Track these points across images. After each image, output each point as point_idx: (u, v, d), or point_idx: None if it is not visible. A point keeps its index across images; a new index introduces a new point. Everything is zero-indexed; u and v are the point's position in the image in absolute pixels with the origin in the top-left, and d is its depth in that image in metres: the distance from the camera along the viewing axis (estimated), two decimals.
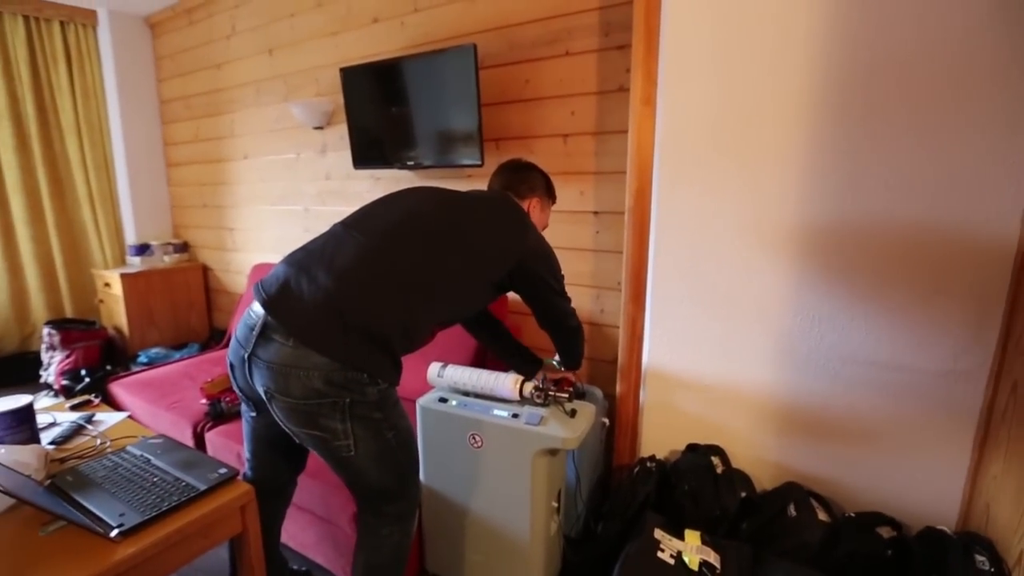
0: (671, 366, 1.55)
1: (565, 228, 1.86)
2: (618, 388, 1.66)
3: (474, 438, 1.30)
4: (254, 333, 0.99)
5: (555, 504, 1.34)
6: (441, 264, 1.07)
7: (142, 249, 3.23)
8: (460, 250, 1.10)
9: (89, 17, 3.06)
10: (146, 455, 1.20)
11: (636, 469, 1.45)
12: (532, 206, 1.34)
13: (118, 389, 2.12)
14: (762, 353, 1.40)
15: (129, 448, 1.24)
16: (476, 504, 1.35)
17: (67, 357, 2.75)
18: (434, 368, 1.41)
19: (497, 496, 1.31)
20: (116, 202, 3.36)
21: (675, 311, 1.52)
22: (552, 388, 1.29)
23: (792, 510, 1.25)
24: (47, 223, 3.12)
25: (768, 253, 1.36)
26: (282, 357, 0.96)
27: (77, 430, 1.36)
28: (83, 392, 2.19)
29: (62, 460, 1.22)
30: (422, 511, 1.45)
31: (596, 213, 1.80)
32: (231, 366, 1.09)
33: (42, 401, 1.46)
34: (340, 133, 2.38)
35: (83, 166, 3.18)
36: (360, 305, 0.99)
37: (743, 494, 1.32)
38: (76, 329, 2.87)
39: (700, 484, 1.34)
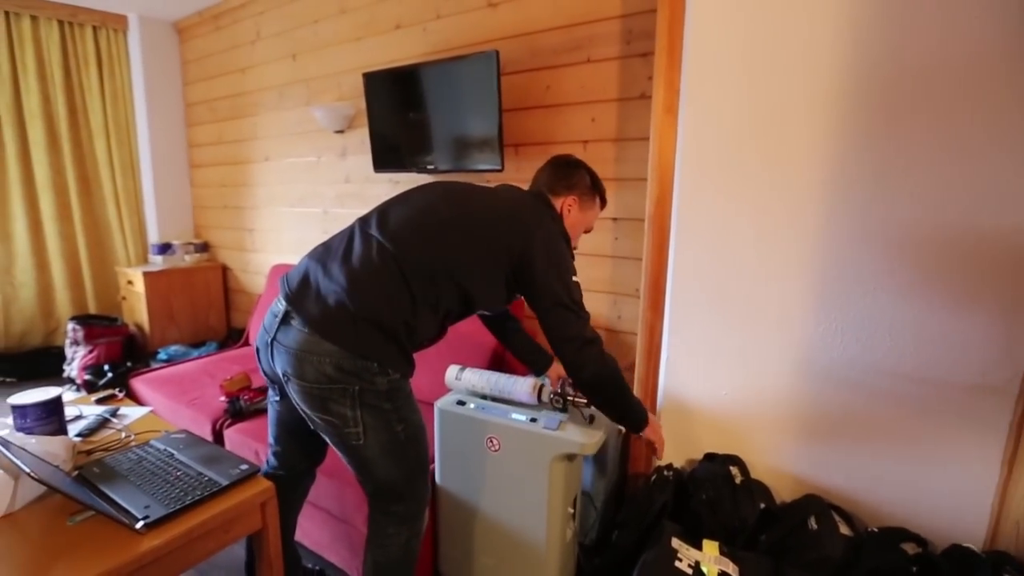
0: (689, 374, 1.54)
1: (584, 235, 1.85)
2: (636, 394, 1.64)
3: (491, 441, 1.31)
4: (277, 319, 1.07)
5: (571, 510, 1.33)
6: (444, 259, 1.07)
7: (164, 248, 3.30)
8: (464, 246, 1.09)
9: (120, 22, 3.15)
10: (170, 449, 1.22)
11: (653, 477, 1.44)
12: (568, 205, 1.27)
13: (140, 385, 2.16)
14: (783, 362, 1.39)
15: (153, 442, 1.26)
16: (491, 507, 1.35)
17: (90, 352, 2.81)
18: (452, 371, 1.42)
19: (513, 500, 1.31)
20: (141, 202, 3.44)
21: (694, 319, 1.51)
22: (571, 393, 1.29)
23: (813, 523, 1.23)
24: (74, 221, 3.20)
25: (790, 261, 1.34)
26: (298, 342, 1.03)
27: (103, 423, 1.39)
28: (105, 387, 2.23)
29: (88, 452, 1.24)
30: (437, 512, 1.45)
31: (615, 219, 1.80)
32: (257, 350, 1.16)
33: (67, 395, 1.50)
34: (361, 137, 2.42)
35: (110, 166, 3.27)
36: (367, 298, 1.03)
37: (762, 505, 1.31)
38: (99, 325, 2.93)
39: (718, 494, 1.33)
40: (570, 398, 1.28)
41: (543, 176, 1.31)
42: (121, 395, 1.60)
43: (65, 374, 2.87)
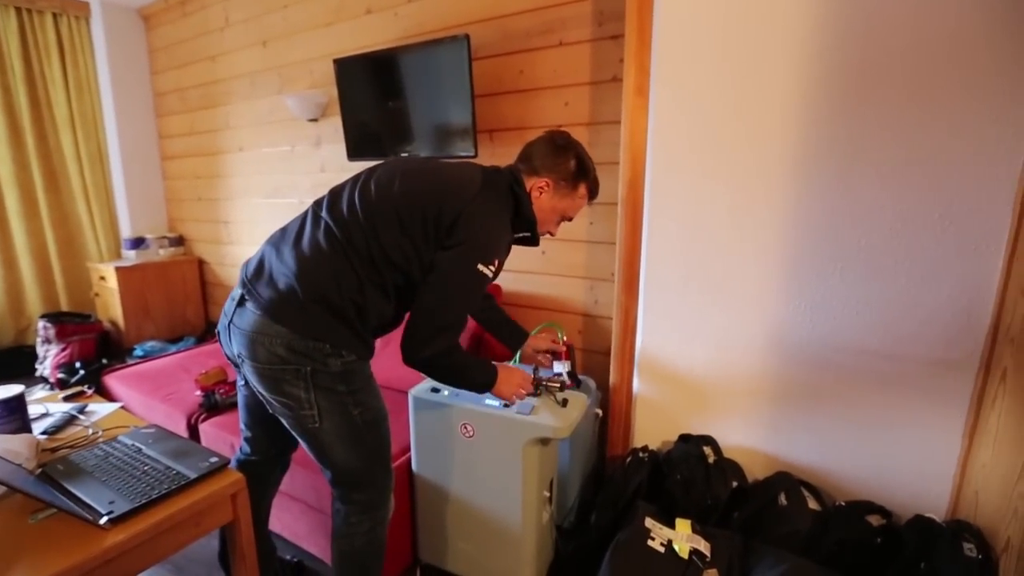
0: (664, 356, 1.55)
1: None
2: (611, 378, 1.66)
3: (466, 428, 1.31)
4: (234, 303, 1.08)
5: (547, 494, 1.34)
6: (381, 244, 1.03)
7: (137, 243, 3.22)
8: (402, 229, 1.04)
9: (82, 9, 3.04)
10: (138, 444, 1.20)
11: (628, 459, 1.46)
12: (539, 187, 1.16)
13: (112, 382, 2.12)
14: (755, 342, 1.40)
15: (121, 438, 1.24)
16: (468, 493, 1.36)
17: (62, 350, 2.75)
18: None
19: (489, 485, 1.32)
20: (111, 195, 3.35)
21: (668, 300, 1.52)
22: (544, 378, 1.29)
23: (783, 499, 1.25)
24: (42, 217, 3.11)
25: (762, 241, 1.35)
26: (252, 324, 1.03)
27: (69, 420, 1.36)
28: (76, 384, 2.19)
29: (54, 450, 1.21)
30: (414, 499, 1.45)
31: (590, 204, 1.79)
32: (218, 334, 1.16)
33: (36, 393, 1.47)
34: (335, 125, 2.37)
35: (77, 159, 3.17)
36: (314, 280, 1.02)
37: (735, 484, 1.33)
38: (71, 322, 2.87)
39: (692, 474, 1.35)
40: (543, 383, 1.28)
41: (530, 150, 1.21)
42: (90, 391, 1.57)
43: (38, 373, 2.81)
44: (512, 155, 1.29)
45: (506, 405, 1.26)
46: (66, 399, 1.51)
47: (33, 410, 1.34)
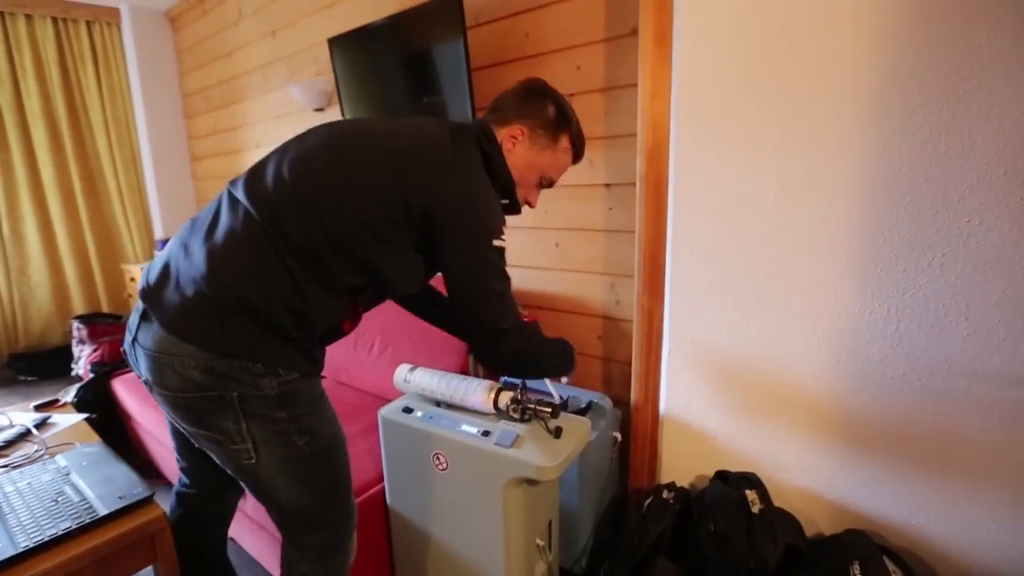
0: (696, 372, 1.24)
1: (572, 205, 1.58)
2: (632, 396, 1.37)
3: (438, 458, 1.07)
4: (138, 316, 0.86)
5: (540, 542, 1.08)
6: (326, 229, 0.81)
7: None
8: (352, 207, 0.83)
9: (113, 15, 3.09)
10: (70, 467, 1.07)
11: (649, 500, 1.16)
12: (512, 135, 0.95)
13: (118, 385, 2.07)
14: (814, 358, 1.07)
15: (58, 458, 1.11)
16: (445, 536, 1.13)
17: (94, 351, 2.79)
18: (401, 371, 1.19)
19: (468, 530, 1.08)
20: (144, 197, 3.42)
21: (700, 302, 1.21)
22: (533, 401, 1.03)
23: (856, 571, 0.92)
24: (82, 219, 3.21)
25: (823, 223, 1.02)
26: (157, 343, 0.81)
27: (23, 435, 1.26)
28: (92, 386, 2.17)
29: None
30: (390, 536, 1.24)
31: (608, 186, 1.50)
32: (123, 354, 0.95)
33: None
34: (339, 115, 2.22)
35: (112, 163, 3.25)
36: (230, 282, 0.79)
37: (787, 542, 1.01)
38: (103, 323, 2.91)
39: (729, 525, 1.04)
40: (531, 407, 1.02)
41: (500, 100, 1.01)
42: (63, 401, 1.48)
43: (73, 372, 2.88)
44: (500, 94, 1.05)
45: (484, 432, 1.01)
46: (38, 408, 1.43)
47: None
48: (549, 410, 1.01)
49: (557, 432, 1.01)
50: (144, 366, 0.83)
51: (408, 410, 1.14)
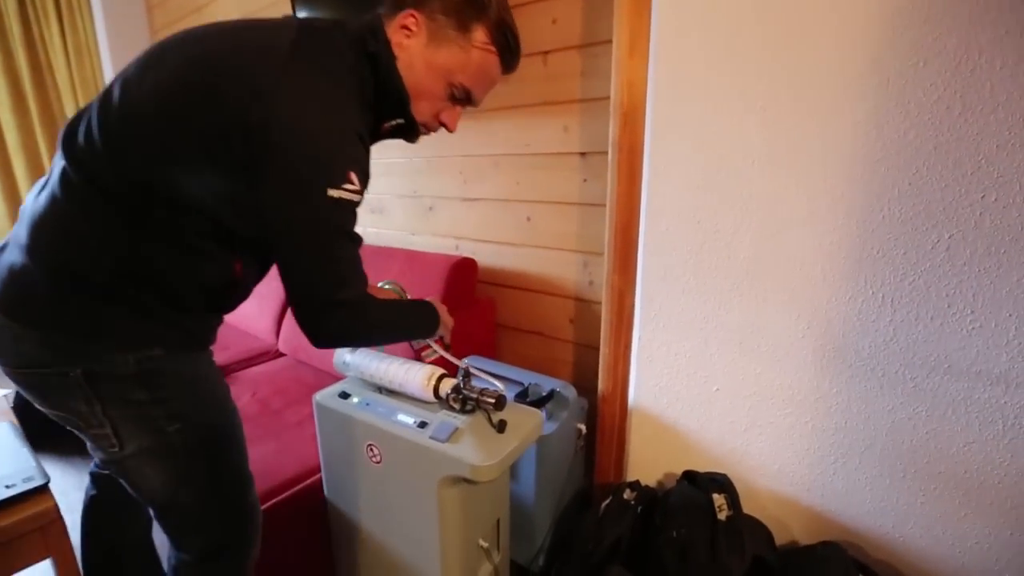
0: (668, 362, 1.13)
1: (545, 176, 1.44)
2: (600, 385, 1.25)
3: (371, 450, 0.96)
4: None
5: (484, 544, 0.98)
6: (142, 167, 0.65)
7: None
8: (160, 139, 0.64)
9: None
10: None
11: (607, 501, 1.06)
12: (403, 27, 0.72)
13: None
14: (798, 349, 0.95)
15: None
16: (380, 534, 1.03)
17: None
18: (341, 351, 1.08)
19: (403, 529, 0.98)
20: None
21: (675, 284, 1.08)
22: (476, 390, 0.92)
23: None
24: None
25: (812, 198, 0.89)
26: None
27: None
28: None
29: None
30: (330, 533, 1.14)
31: (583, 155, 1.36)
32: None
33: None
34: None
35: None
36: (52, 248, 0.66)
37: (754, 554, 0.90)
38: None
39: (692, 532, 0.94)
40: (474, 396, 0.91)
41: None
42: None
43: None
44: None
45: (421, 424, 0.90)
46: None
47: None
48: (493, 401, 0.90)
49: (500, 426, 0.89)
50: None
51: (345, 395, 1.03)
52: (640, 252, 1.13)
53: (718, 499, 0.97)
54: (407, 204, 1.83)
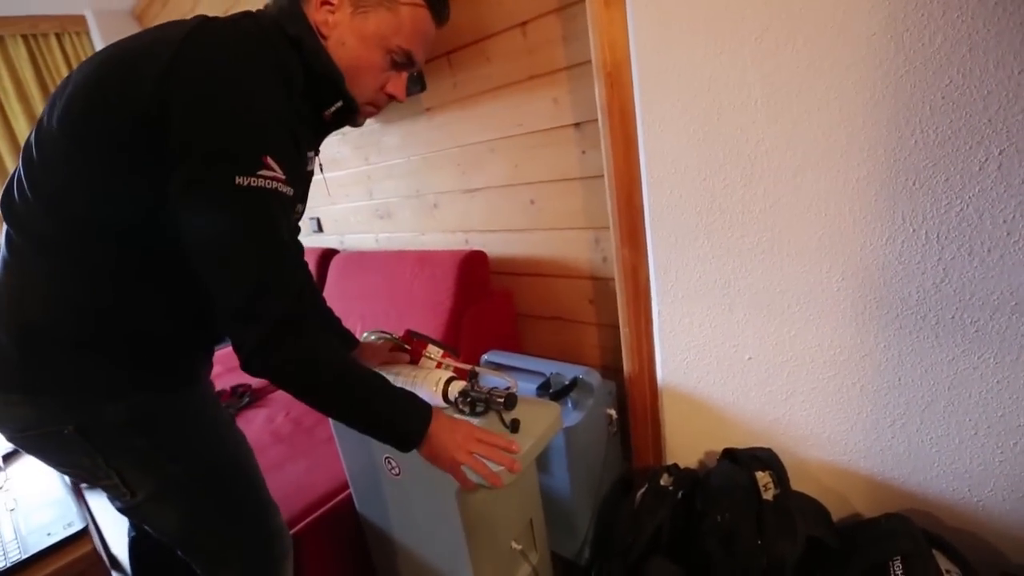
0: (692, 332, 1.04)
1: (543, 154, 1.36)
2: (625, 366, 1.18)
3: (389, 463, 0.94)
4: None
5: (518, 546, 0.95)
6: (86, 192, 0.61)
7: None
8: (79, 153, 0.60)
9: (79, 23, 3.01)
10: (17, 502, 1.02)
11: (642, 490, 1.00)
12: (323, 6, 0.67)
13: None
14: (834, 304, 0.85)
15: (12, 490, 1.06)
16: (411, 546, 1.01)
17: None
18: None
19: (433, 540, 0.95)
20: None
21: (688, 249, 1.00)
22: (485, 390, 0.87)
23: (897, 569, 0.73)
24: None
25: (830, 131, 0.78)
26: None
27: None
28: None
29: None
30: (369, 546, 1.14)
31: (578, 125, 1.27)
32: None
33: None
34: None
35: None
36: (17, 306, 0.65)
37: (808, 535, 0.82)
38: None
39: (737, 516, 0.86)
40: (483, 396, 0.86)
41: None
42: None
43: None
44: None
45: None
46: None
47: None
48: (502, 400, 0.85)
49: (514, 426, 0.85)
50: None
51: None
52: (647, 220, 1.04)
53: (762, 477, 0.89)
54: (413, 204, 1.80)
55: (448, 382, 0.90)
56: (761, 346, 0.96)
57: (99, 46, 3.07)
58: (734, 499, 0.88)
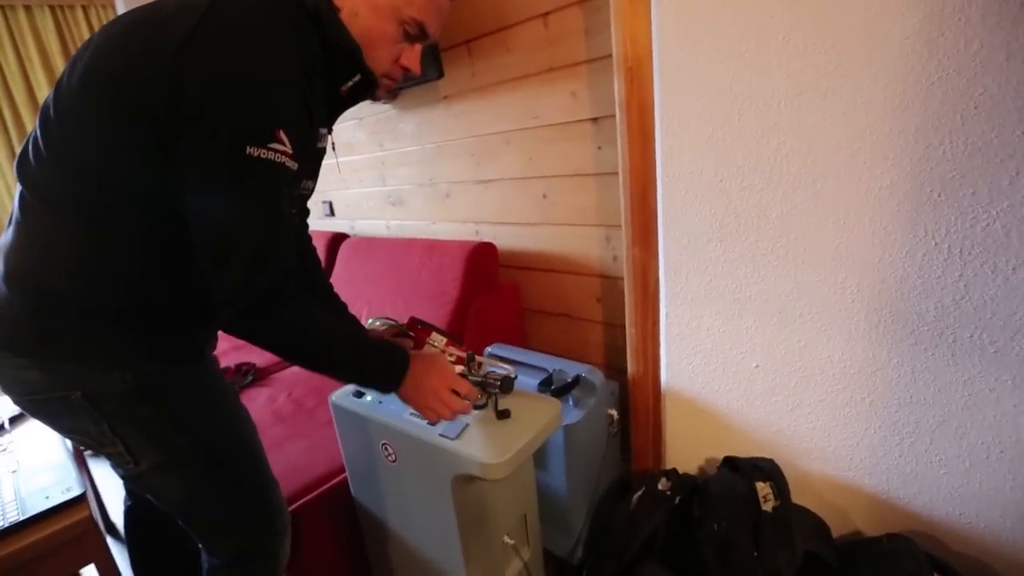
0: (700, 337, 1.03)
1: (558, 148, 1.35)
2: (630, 367, 1.17)
3: (386, 449, 0.94)
4: None
5: (510, 541, 0.94)
6: (103, 151, 0.61)
7: None
8: (106, 114, 0.60)
9: None
10: (19, 464, 1.03)
11: (639, 493, 0.99)
12: None
13: None
14: (848, 315, 0.83)
15: (16, 452, 1.08)
16: (406, 534, 1.01)
17: None
18: None
19: (426, 528, 0.95)
20: None
21: (701, 251, 0.98)
22: (482, 374, 0.86)
23: None
24: None
25: (853, 137, 0.75)
26: None
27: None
28: None
29: None
30: (361, 531, 1.14)
31: (595, 120, 1.26)
32: None
33: None
34: None
35: None
36: (31, 268, 0.65)
37: (806, 550, 0.81)
38: None
39: (734, 525, 0.85)
40: (479, 380, 0.85)
41: None
42: None
43: None
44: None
45: (431, 423, 0.86)
46: None
47: None
48: (498, 382, 0.84)
49: (503, 413, 0.84)
50: None
51: (359, 394, 1.01)
52: (660, 220, 1.02)
53: (762, 488, 0.87)
54: (426, 193, 1.79)
55: None
56: (769, 354, 0.94)
57: None
58: (732, 508, 0.87)
